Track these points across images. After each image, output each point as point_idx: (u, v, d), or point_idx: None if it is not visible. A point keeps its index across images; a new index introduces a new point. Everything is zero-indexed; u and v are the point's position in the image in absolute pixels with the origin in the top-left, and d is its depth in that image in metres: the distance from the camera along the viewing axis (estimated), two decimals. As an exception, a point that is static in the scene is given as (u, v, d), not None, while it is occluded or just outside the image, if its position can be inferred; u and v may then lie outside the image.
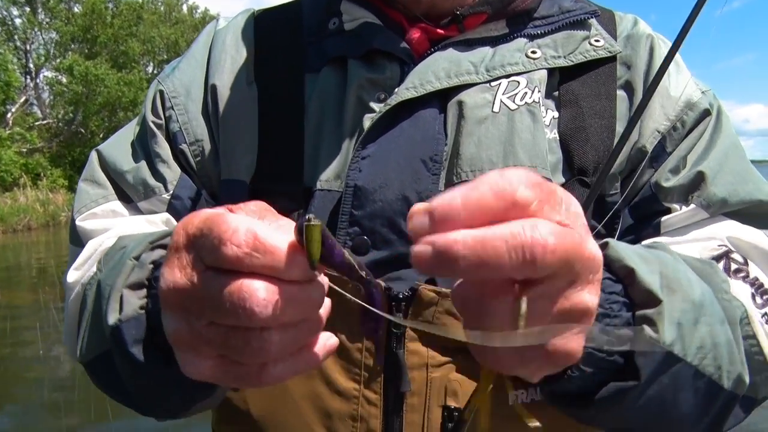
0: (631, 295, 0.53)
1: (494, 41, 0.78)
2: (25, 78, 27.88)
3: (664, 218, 0.72)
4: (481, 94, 0.74)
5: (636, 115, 0.68)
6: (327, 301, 0.45)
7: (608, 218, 0.72)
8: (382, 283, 0.66)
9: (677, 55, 0.78)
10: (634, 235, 0.74)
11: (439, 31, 0.78)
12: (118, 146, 0.83)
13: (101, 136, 26.91)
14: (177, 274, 0.43)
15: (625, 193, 0.74)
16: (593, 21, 0.80)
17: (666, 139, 0.75)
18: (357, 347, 0.67)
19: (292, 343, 0.43)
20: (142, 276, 0.59)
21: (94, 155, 0.84)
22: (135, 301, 0.58)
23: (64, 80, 26.47)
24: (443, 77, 0.73)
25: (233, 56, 0.82)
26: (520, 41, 0.78)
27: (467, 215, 0.36)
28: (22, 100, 26.73)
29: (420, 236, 0.38)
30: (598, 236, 0.72)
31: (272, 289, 0.40)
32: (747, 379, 0.59)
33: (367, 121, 0.73)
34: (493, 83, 0.75)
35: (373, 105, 0.74)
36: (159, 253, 0.61)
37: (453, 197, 0.37)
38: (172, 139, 0.80)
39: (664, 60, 0.68)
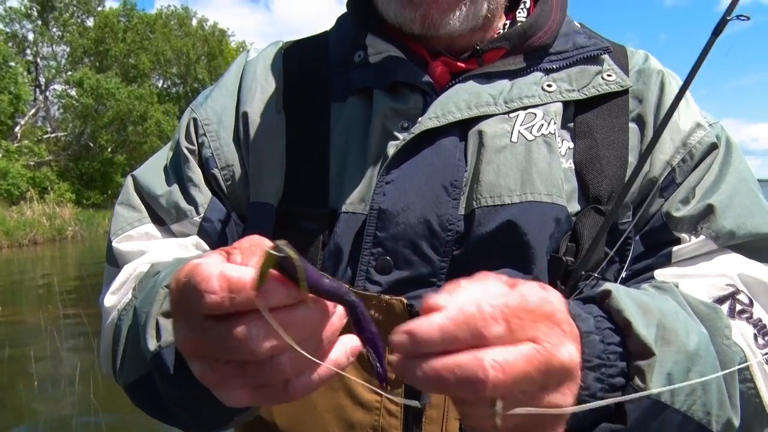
0: (628, 346, 0.57)
1: (512, 75, 0.81)
2: (35, 91, 27.94)
3: (675, 248, 0.75)
4: (500, 124, 0.77)
5: (648, 149, 0.75)
6: (340, 309, 0.48)
7: (620, 245, 0.76)
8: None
9: (688, 94, 0.82)
10: (643, 264, 0.77)
11: (460, 64, 0.82)
12: (152, 171, 0.87)
13: (110, 150, 26.89)
14: (182, 329, 0.48)
15: (635, 220, 0.78)
16: (606, 56, 0.84)
17: (676, 171, 0.79)
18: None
19: (304, 358, 0.45)
20: None
21: (129, 180, 0.88)
22: (170, 327, 0.62)
23: (74, 93, 26.51)
24: (464, 108, 0.76)
25: (263, 86, 0.86)
26: (537, 75, 0.81)
27: (442, 344, 0.43)
28: (32, 113, 26.73)
29: (399, 351, 0.45)
30: (610, 263, 0.76)
31: (263, 323, 0.43)
32: (737, 422, 0.62)
33: (391, 148, 0.76)
34: (511, 115, 0.78)
35: (397, 133, 0.77)
36: None
37: (431, 326, 0.43)
38: (204, 164, 0.84)
39: (676, 97, 0.75)
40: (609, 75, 0.81)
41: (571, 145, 0.79)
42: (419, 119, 0.76)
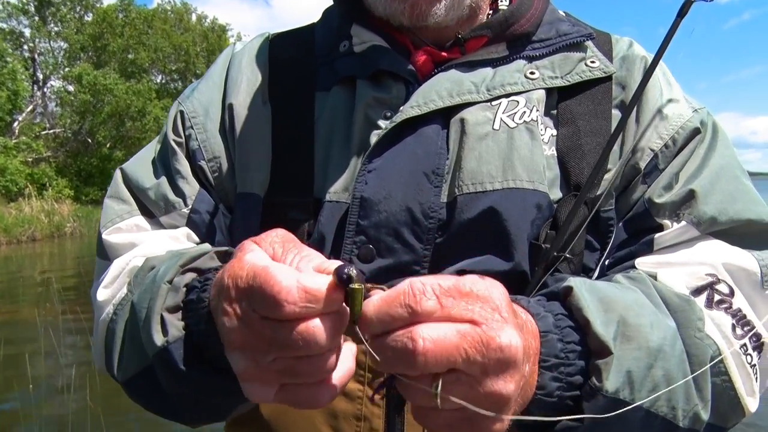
0: (588, 344, 0.58)
1: (495, 63, 0.81)
2: (33, 87, 27.83)
3: (657, 235, 0.75)
4: (483, 112, 0.77)
5: (618, 127, 0.75)
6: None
7: (602, 232, 0.77)
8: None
9: (669, 75, 0.85)
10: (626, 250, 0.77)
11: (443, 53, 0.82)
12: (141, 164, 0.88)
13: (108, 145, 26.81)
14: (236, 323, 0.51)
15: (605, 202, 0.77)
16: (589, 43, 0.84)
17: (659, 157, 0.78)
18: (361, 349, 0.68)
19: (336, 359, 0.52)
20: (178, 299, 0.65)
21: (118, 173, 0.89)
22: (177, 323, 0.64)
23: (72, 89, 26.38)
24: (446, 96, 0.77)
25: (249, 77, 0.87)
26: (520, 63, 0.82)
27: (379, 323, 0.47)
28: (29, 109, 26.62)
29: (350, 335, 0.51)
30: (591, 250, 0.77)
31: (329, 323, 0.48)
32: (705, 416, 0.63)
33: (374, 137, 0.77)
34: (493, 102, 0.78)
35: (380, 122, 0.78)
36: (190, 276, 0.67)
37: (367, 307, 0.48)
38: (191, 156, 0.85)
39: (643, 78, 0.76)
40: (593, 61, 0.81)
41: (555, 132, 0.79)
42: (401, 108, 0.77)
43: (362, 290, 0.47)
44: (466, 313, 0.47)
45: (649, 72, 0.76)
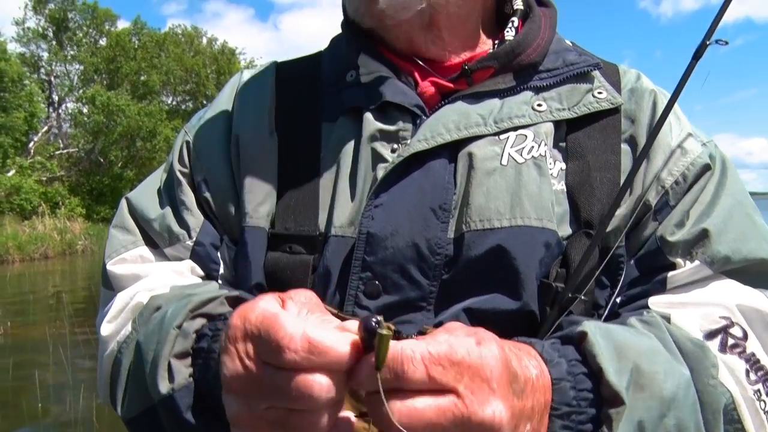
0: (600, 391, 0.57)
1: (502, 94, 0.81)
2: (49, 109, 28.49)
3: (670, 274, 0.74)
4: (491, 146, 0.77)
5: (634, 168, 0.75)
6: None
7: (613, 270, 0.75)
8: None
9: (679, 111, 0.83)
10: (638, 289, 0.75)
11: (449, 84, 0.82)
12: (146, 194, 0.88)
13: (120, 165, 27.33)
14: (239, 366, 0.50)
15: (617, 241, 0.77)
16: (596, 73, 0.83)
17: (669, 194, 0.77)
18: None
19: (332, 421, 0.50)
20: (187, 345, 0.65)
21: (123, 203, 0.89)
22: (184, 370, 0.64)
23: (86, 110, 27.00)
24: (453, 129, 0.76)
25: (255, 107, 0.87)
26: (527, 94, 0.81)
27: (368, 384, 0.47)
28: (45, 129, 27.27)
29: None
30: (602, 288, 0.75)
31: (328, 379, 0.47)
32: None
33: (380, 170, 0.76)
34: (501, 136, 0.78)
35: (386, 155, 0.77)
36: (200, 322, 0.67)
37: (361, 367, 0.47)
38: (196, 188, 0.85)
39: (658, 121, 0.75)
40: (600, 92, 0.81)
41: (564, 166, 0.78)
42: (408, 141, 0.76)
43: (390, 336, 0.46)
44: (452, 383, 0.47)
45: (662, 117, 0.75)
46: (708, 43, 0.75)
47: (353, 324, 0.50)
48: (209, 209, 0.84)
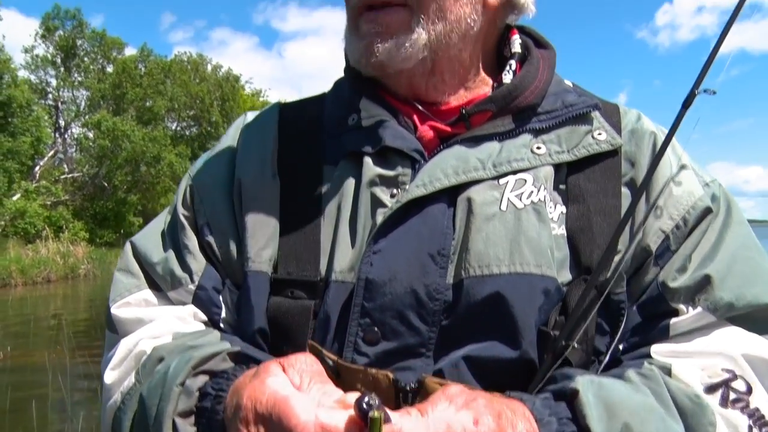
0: None
1: (500, 136, 0.81)
2: (55, 134, 28.74)
3: (672, 321, 0.73)
4: (490, 191, 0.77)
5: (629, 211, 0.74)
6: None
7: (613, 316, 0.74)
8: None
9: (678, 149, 0.83)
10: (641, 336, 0.75)
11: (447, 128, 0.83)
12: (150, 237, 0.89)
13: (124, 188, 27.46)
14: None
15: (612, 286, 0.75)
16: (596, 114, 0.83)
17: (670, 238, 0.77)
18: None
19: None
20: (191, 404, 0.66)
21: (128, 246, 0.90)
22: (188, 428, 0.65)
23: (91, 135, 27.20)
24: (451, 174, 0.76)
25: (258, 150, 0.88)
26: (526, 136, 0.81)
27: None
28: (50, 154, 27.48)
29: None
30: (602, 334, 0.74)
31: None
32: None
33: (380, 216, 0.76)
34: (500, 180, 0.77)
35: (386, 200, 0.78)
36: (203, 379, 0.68)
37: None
38: (199, 231, 0.86)
39: (648, 169, 0.75)
40: (599, 134, 0.80)
41: (564, 209, 0.78)
42: (407, 186, 0.77)
43: (381, 418, 0.49)
44: None
45: (655, 160, 0.75)
46: (696, 92, 0.75)
47: (353, 396, 0.52)
48: (212, 253, 0.85)
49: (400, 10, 0.77)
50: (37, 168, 25.69)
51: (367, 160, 0.80)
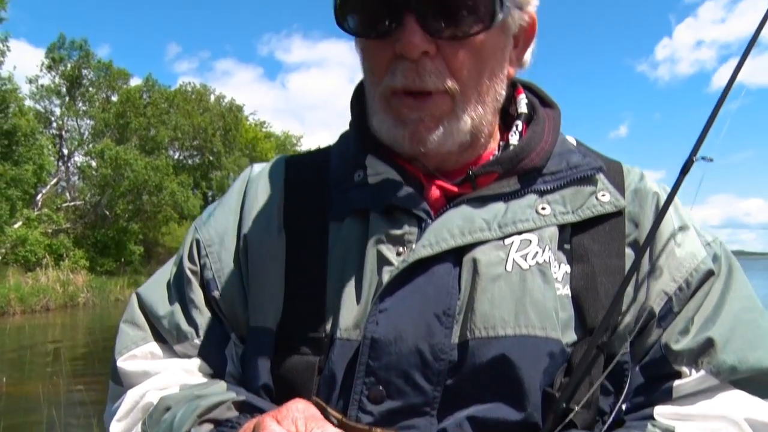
0: None
1: (506, 197, 0.82)
2: (58, 162, 28.93)
3: (675, 383, 0.74)
4: (495, 251, 0.77)
5: (630, 274, 0.74)
6: None
7: (617, 377, 0.75)
8: None
9: (680, 209, 0.85)
10: (644, 397, 0.76)
11: (454, 188, 0.83)
12: (156, 289, 0.90)
13: (126, 217, 27.49)
14: None
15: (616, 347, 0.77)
16: (600, 176, 0.84)
17: (673, 300, 0.78)
18: None
19: None
20: None
21: (134, 298, 0.91)
22: None
23: (94, 164, 27.36)
24: (458, 234, 0.77)
25: (264, 205, 0.89)
26: (531, 197, 0.82)
27: None
28: (53, 182, 27.62)
29: None
30: (607, 394, 0.75)
31: None
32: None
33: (386, 274, 0.77)
34: (506, 241, 0.78)
35: (392, 259, 0.78)
36: (207, 427, 0.70)
37: None
38: (205, 286, 0.87)
39: (648, 235, 0.77)
40: (603, 195, 0.81)
41: (568, 269, 0.79)
42: (413, 246, 0.77)
43: None
44: None
45: (657, 222, 0.76)
46: (694, 159, 0.77)
47: None
48: (217, 308, 0.86)
49: (444, 97, 0.77)
50: (39, 196, 25.78)
51: (374, 218, 0.81)
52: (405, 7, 0.73)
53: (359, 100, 0.90)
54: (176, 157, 34.27)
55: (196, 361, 0.84)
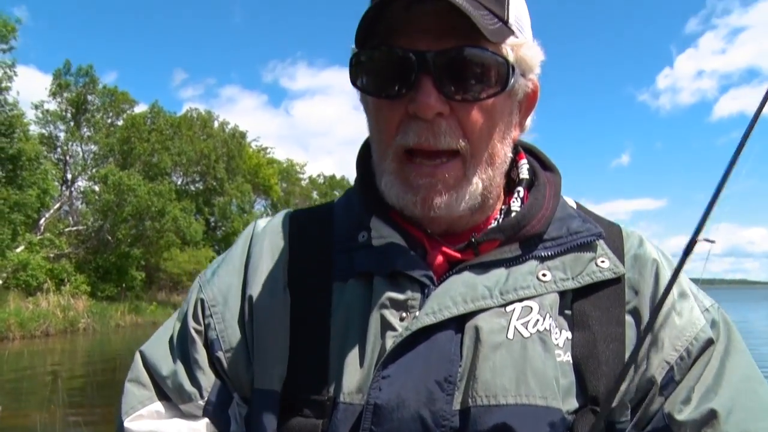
0: None
1: (508, 263, 0.83)
2: (62, 187, 29.06)
3: None
4: (497, 319, 0.79)
5: (638, 347, 0.74)
6: None
7: None
8: None
9: (681, 278, 0.84)
10: None
11: (456, 254, 0.85)
12: (159, 347, 0.91)
13: (127, 242, 27.50)
14: None
15: (635, 420, 0.77)
16: (599, 241, 0.85)
17: (674, 369, 0.79)
18: None
19: None
20: None
21: (138, 357, 0.92)
22: None
23: (98, 189, 27.46)
24: (460, 302, 0.78)
25: (268, 264, 0.90)
26: (532, 263, 0.83)
27: None
28: (56, 206, 27.70)
29: None
30: None
31: None
32: None
33: (389, 340, 0.78)
34: (507, 308, 0.80)
35: (395, 324, 0.79)
36: None
37: None
38: (209, 346, 0.88)
39: (654, 309, 0.77)
40: (603, 261, 0.83)
41: (569, 335, 0.80)
42: (416, 313, 0.79)
43: None
44: None
45: (659, 303, 0.76)
46: (696, 240, 0.77)
47: None
48: (221, 368, 0.87)
49: (456, 162, 0.79)
50: (42, 220, 25.83)
51: (377, 282, 0.82)
52: (422, 70, 0.75)
53: (364, 158, 0.91)
54: (179, 182, 34.40)
55: (202, 421, 0.86)
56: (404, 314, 0.80)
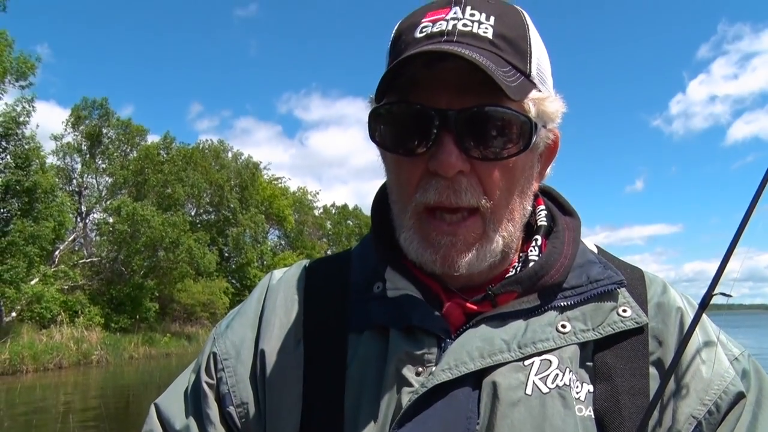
0: None
1: (526, 314, 0.81)
2: (76, 218, 29.34)
3: None
4: (515, 373, 0.76)
5: (655, 399, 0.72)
6: None
7: None
8: None
9: (707, 325, 0.83)
10: None
11: (473, 306, 0.82)
12: (173, 401, 0.91)
13: (141, 273, 27.58)
14: None
15: None
16: (621, 289, 0.83)
17: (703, 425, 0.76)
18: None
19: None
20: None
21: (153, 410, 0.91)
22: None
23: (111, 220, 27.72)
24: (477, 357, 0.76)
25: (282, 318, 0.89)
26: (551, 314, 0.81)
27: None
28: (71, 238, 27.91)
29: None
30: None
31: None
32: None
33: (405, 396, 0.77)
34: (526, 362, 0.77)
35: (411, 379, 0.78)
36: None
37: None
38: (220, 401, 0.87)
39: (674, 357, 0.75)
40: (624, 310, 0.81)
41: (591, 388, 0.78)
42: (433, 368, 0.77)
43: None
44: None
45: (680, 347, 0.75)
46: (713, 294, 0.75)
47: None
48: (232, 423, 0.86)
49: (476, 219, 0.78)
50: (56, 252, 26.00)
51: (394, 336, 0.81)
52: (443, 127, 0.74)
53: (380, 202, 0.91)
54: (193, 213, 34.61)
55: None
56: (420, 369, 0.78)
